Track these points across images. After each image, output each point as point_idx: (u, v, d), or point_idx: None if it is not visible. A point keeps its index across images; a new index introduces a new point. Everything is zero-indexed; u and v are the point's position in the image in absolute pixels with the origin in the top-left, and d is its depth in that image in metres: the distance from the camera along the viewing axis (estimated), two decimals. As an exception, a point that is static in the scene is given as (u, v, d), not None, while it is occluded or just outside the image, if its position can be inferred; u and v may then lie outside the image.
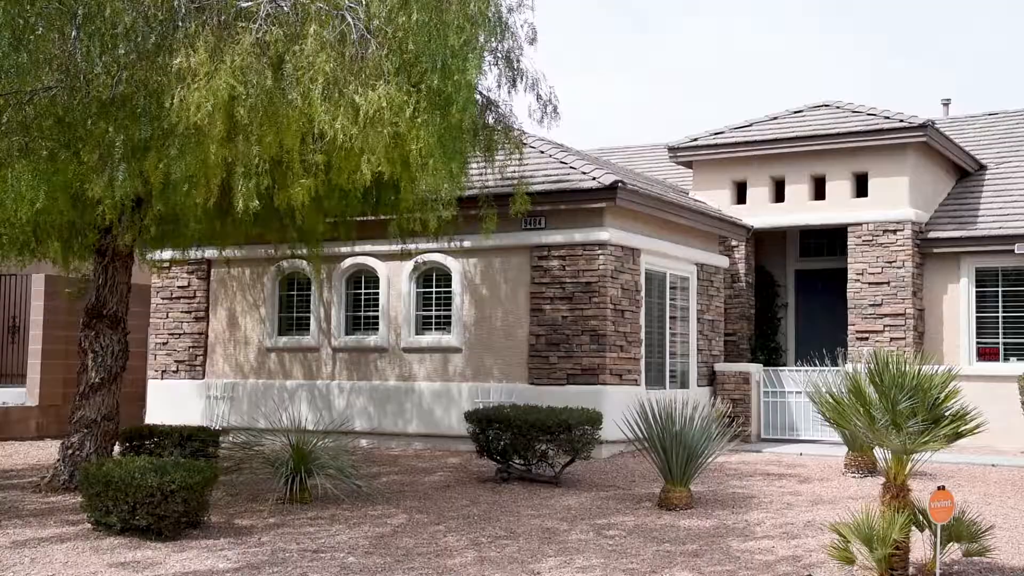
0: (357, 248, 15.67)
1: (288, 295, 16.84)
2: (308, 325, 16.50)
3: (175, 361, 17.37)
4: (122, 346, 11.96)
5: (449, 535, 9.25)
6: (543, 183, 14.29)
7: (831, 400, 8.10)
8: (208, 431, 12.67)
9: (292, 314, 16.77)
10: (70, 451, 11.70)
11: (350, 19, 8.93)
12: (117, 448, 12.43)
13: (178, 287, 17.46)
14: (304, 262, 15.72)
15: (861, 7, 45.78)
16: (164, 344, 17.46)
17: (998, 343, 16.52)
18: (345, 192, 10.82)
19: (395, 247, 14.09)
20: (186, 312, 17.36)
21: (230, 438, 12.75)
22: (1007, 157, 19.11)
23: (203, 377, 17.14)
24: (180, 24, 8.87)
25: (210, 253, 16.23)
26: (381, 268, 15.82)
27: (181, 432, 12.40)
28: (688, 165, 19.13)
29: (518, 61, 11.12)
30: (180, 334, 17.35)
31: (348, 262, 16.05)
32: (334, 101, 8.56)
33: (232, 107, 8.56)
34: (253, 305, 16.92)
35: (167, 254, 15.40)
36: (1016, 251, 16.16)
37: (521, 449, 11.82)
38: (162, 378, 17.42)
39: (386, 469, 13.11)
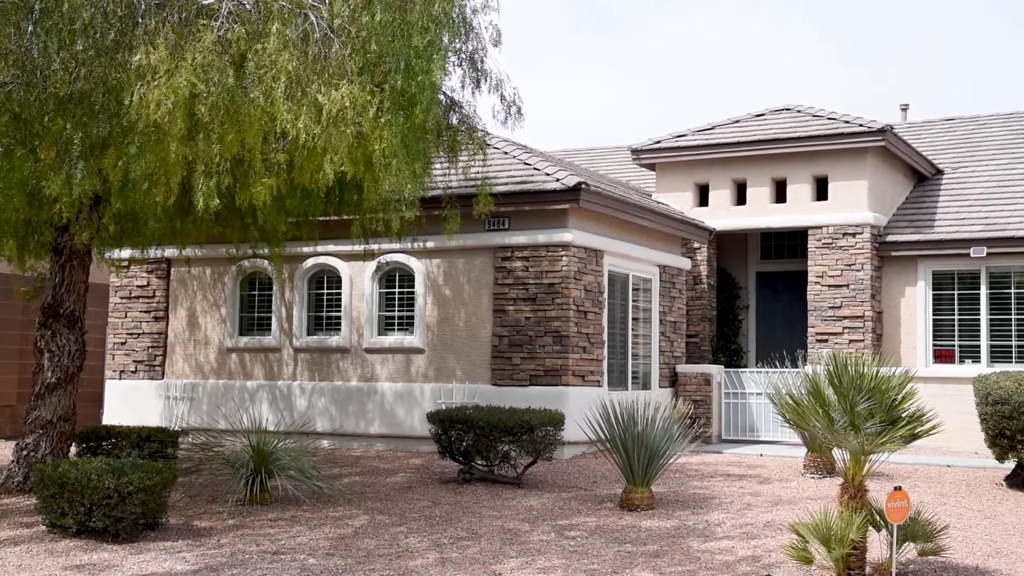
0: (320, 248, 15.59)
1: (249, 295, 16.71)
2: (269, 325, 16.39)
3: (134, 361, 17.17)
4: (79, 346, 11.81)
5: (410, 536, 9.23)
6: (507, 184, 14.30)
7: (791, 401, 8.17)
8: (167, 432, 12.55)
9: (253, 314, 16.65)
10: (25, 452, 11.52)
11: (313, 18, 8.89)
12: (73, 449, 12.27)
13: (137, 286, 17.27)
14: (266, 262, 15.61)
15: (825, 10, 46.31)
16: (122, 344, 17.26)
17: (954, 345, 16.77)
18: (308, 192, 10.76)
19: (358, 247, 14.03)
20: (145, 312, 17.17)
21: (189, 439, 12.62)
22: (963, 162, 19.41)
23: (162, 377, 16.97)
24: (140, 21, 8.78)
25: (170, 252, 16.07)
26: (344, 268, 15.75)
27: (139, 433, 12.27)
28: (651, 167, 19.24)
29: (482, 62, 11.12)
30: (139, 334, 17.16)
31: (310, 262, 15.97)
32: (297, 100, 8.51)
33: (193, 105, 8.48)
34: (214, 305, 16.77)
35: (126, 253, 15.23)
36: (972, 255, 16.42)
37: (483, 450, 11.82)
38: (120, 378, 17.22)
39: (348, 470, 13.05)
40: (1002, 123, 20.82)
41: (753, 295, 19.60)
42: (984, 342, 16.49)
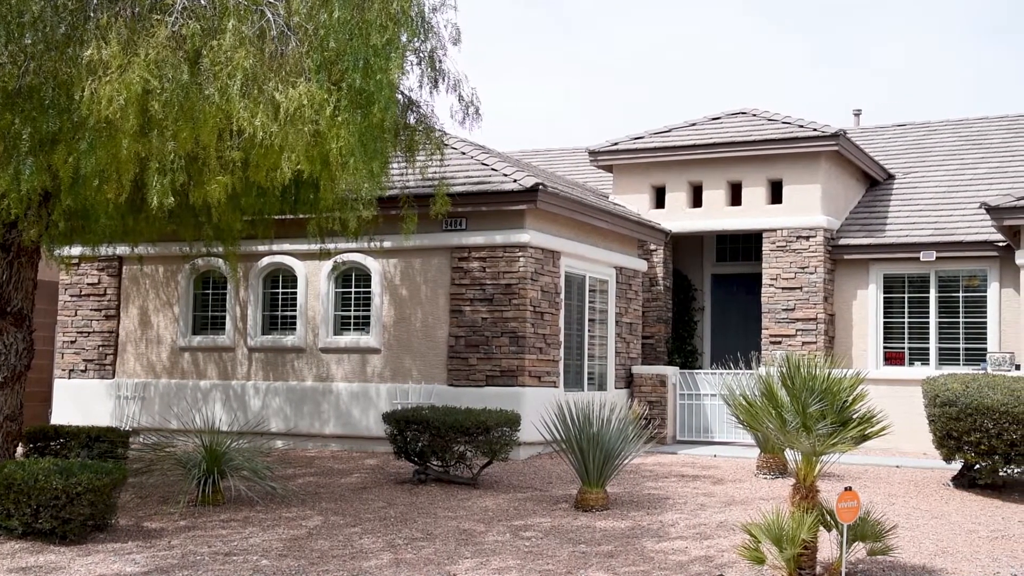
0: (275, 247, 15.46)
1: (203, 293, 16.53)
2: (223, 324, 16.23)
3: (84, 360, 16.91)
4: (27, 344, 11.59)
5: (365, 537, 9.18)
6: (464, 184, 14.29)
7: (744, 403, 8.25)
8: (117, 432, 12.37)
9: (207, 313, 16.47)
10: (-30, 453, 11.28)
11: (270, 15, 8.80)
12: (20, 449, 12.05)
13: (88, 284, 17.00)
14: (220, 260, 15.45)
15: (782, 14, 46.82)
16: (72, 343, 16.99)
17: (904, 347, 17.04)
18: (263, 190, 10.66)
19: (314, 246, 13.93)
20: (96, 310, 16.91)
21: (141, 439, 12.47)
22: (914, 167, 19.73)
23: (113, 376, 16.73)
24: (91, 15, 8.64)
25: (122, 250, 15.84)
26: (299, 267, 15.64)
27: (88, 433, 12.09)
28: (608, 169, 19.32)
29: (441, 61, 11.09)
30: (89, 332, 16.91)
31: (266, 261, 15.83)
32: (253, 98, 8.42)
33: (146, 101, 8.36)
34: (166, 303, 16.57)
35: (76, 250, 14.96)
36: (921, 259, 16.70)
37: (439, 450, 11.80)
38: (69, 377, 16.95)
39: (302, 470, 12.96)
40: (952, 130, 21.19)
41: (708, 297, 19.77)
42: (933, 345, 16.77)
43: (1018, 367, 15.07)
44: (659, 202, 18.63)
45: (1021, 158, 19.09)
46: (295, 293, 15.78)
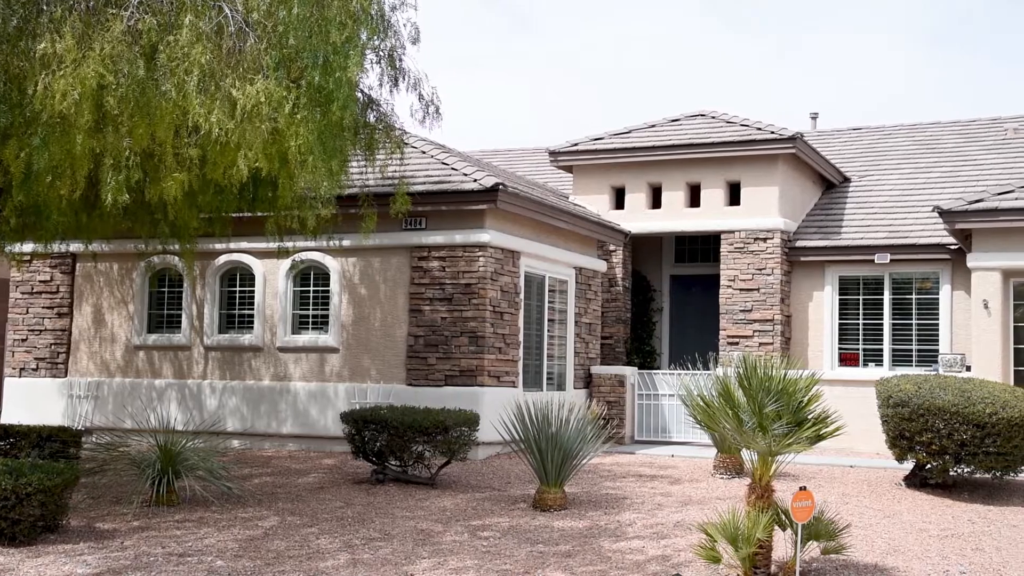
0: (232, 245, 15.32)
1: (159, 291, 16.34)
2: (179, 323, 16.05)
3: (35, 359, 16.64)
4: (-23, 342, 11.39)
5: (322, 537, 9.13)
6: (424, 184, 14.25)
7: (702, 403, 8.31)
8: (69, 431, 12.18)
9: (163, 311, 16.28)
10: (-82, 453, 11.07)
11: (228, 11, 8.72)
12: (-30, 449, 11.83)
13: (40, 281, 16.73)
14: (176, 258, 15.29)
15: (741, 16, 47.21)
16: (23, 341, 16.71)
17: (858, 349, 17.26)
18: (221, 187, 10.56)
19: (272, 245, 13.81)
20: (48, 308, 16.65)
21: (93, 439, 12.28)
22: (869, 171, 20.00)
23: (65, 375, 16.48)
24: (45, 8, 8.50)
25: (75, 247, 15.62)
26: (257, 266, 15.51)
27: (39, 432, 11.90)
28: (568, 169, 19.37)
29: (400, 60, 11.06)
30: (41, 330, 16.64)
31: (223, 259, 15.69)
32: (210, 94, 8.34)
33: (101, 96, 8.25)
34: (121, 301, 16.35)
35: (28, 247, 14.72)
36: (876, 261, 16.92)
37: (397, 450, 11.76)
38: (20, 376, 16.67)
39: (259, 470, 12.85)
40: (906, 134, 21.51)
41: (667, 298, 19.89)
42: (887, 346, 17.00)
43: (969, 368, 15.32)
44: (619, 203, 18.71)
45: (973, 162, 19.42)
46: (253, 292, 15.65)
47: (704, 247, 19.54)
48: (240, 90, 8.38)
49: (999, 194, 14.89)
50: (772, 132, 17.48)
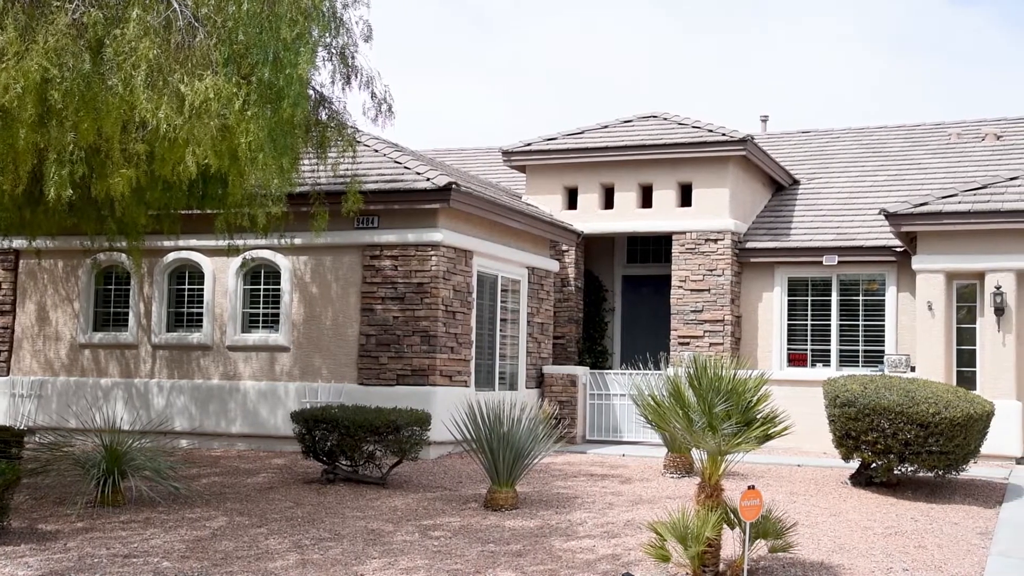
0: (181, 242, 15.13)
1: (105, 289, 16.09)
2: (126, 321, 15.82)
3: (-23, 357, 16.28)
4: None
5: (271, 538, 9.04)
6: (377, 182, 14.18)
7: (653, 403, 8.35)
8: (11, 431, 11.94)
9: (109, 309, 16.03)
10: None
11: (176, 5, 8.60)
12: (-92, 450, 11.54)
13: (-18, 278, 16.39)
14: (123, 255, 15.05)
15: (694, 18, 47.62)
16: (-35, 338, 16.35)
17: (807, 349, 17.48)
18: (169, 184, 10.42)
19: (222, 242, 13.66)
20: (-9, 305, 16.32)
21: (37, 438, 12.04)
22: (818, 173, 20.27)
23: (7, 374, 16.15)
24: (-13, -1, 8.32)
25: (19, 243, 15.33)
26: (207, 264, 15.33)
27: (-20, 432, 11.64)
28: (522, 169, 19.39)
29: (353, 58, 10.99)
30: (-16, 328, 16.29)
31: (171, 256, 15.49)
32: (158, 89, 8.22)
33: (45, 90, 8.10)
34: (66, 299, 16.06)
35: (-31, 243, 14.45)
36: (824, 263, 17.15)
37: (348, 450, 11.69)
38: (-38, 375, 16.32)
39: (207, 470, 12.70)
40: (853, 137, 21.84)
41: (619, 298, 19.99)
42: (834, 347, 17.24)
43: (913, 369, 15.60)
44: (571, 203, 18.77)
45: (919, 166, 19.77)
46: (202, 290, 15.46)
47: (656, 248, 19.67)
48: (189, 86, 8.27)
49: (943, 198, 15.17)
50: (723, 134, 17.64)
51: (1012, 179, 15.25)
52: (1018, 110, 34.35)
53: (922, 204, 15.14)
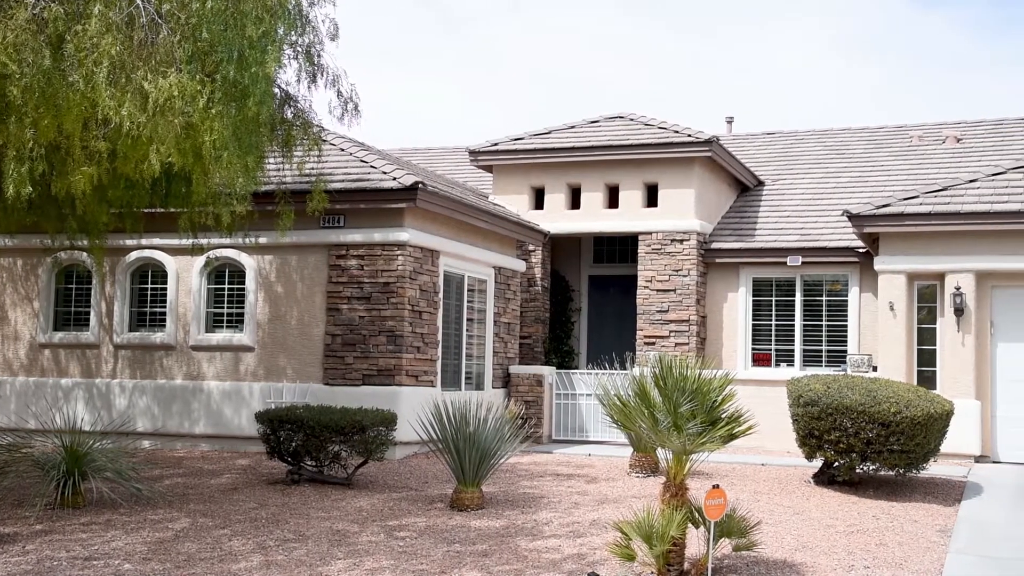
0: (144, 241, 14.98)
1: (66, 288, 15.88)
2: (88, 320, 15.63)
3: (-65, 357, 16.02)
4: None
5: (234, 539, 8.97)
6: (343, 181, 14.11)
7: (618, 403, 8.38)
8: (-30, 433, 11.75)
9: (70, 309, 15.83)
10: None
11: (139, 1, 8.51)
12: None
13: (-60, 276, 16.12)
14: (85, 254, 14.86)
15: (661, 20, 47.84)
16: (-78, 338, 16.08)
17: (771, 349, 17.62)
18: (132, 182, 10.32)
19: (186, 241, 13.52)
20: (-51, 304, 16.05)
21: (-5, 440, 11.86)
22: (782, 175, 20.44)
23: (-33, 374, 15.90)
24: (-56, -7, 8.19)
25: (-22, 241, 15.09)
26: (170, 263, 15.18)
27: (-63, 434, 11.45)
28: (488, 169, 19.38)
29: (319, 56, 10.92)
30: (-59, 327, 16.02)
31: (134, 255, 15.32)
32: (120, 86, 8.13)
33: (4, 86, 7.99)
34: (25, 298, 15.83)
35: (-73, 241, 14.21)
36: (788, 263, 17.29)
37: (313, 450, 11.63)
38: (-81, 375, 16.04)
39: (170, 471, 12.58)
40: (817, 139, 22.04)
41: (585, 298, 20.03)
42: (798, 346, 17.39)
43: (875, 368, 15.77)
44: (538, 203, 18.79)
45: (881, 168, 19.99)
46: (165, 289, 15.31)
47: (622, 248, 19.74)
48: (152, 83, 8.18)
49: (905, 199, 15.35)
50: (689, 135, 17.73)
51: (971, 182, 15.46)
52: (978, 113, 34.93)
53: (884, 206, 15.31)
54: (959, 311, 14.78)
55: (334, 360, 14.31)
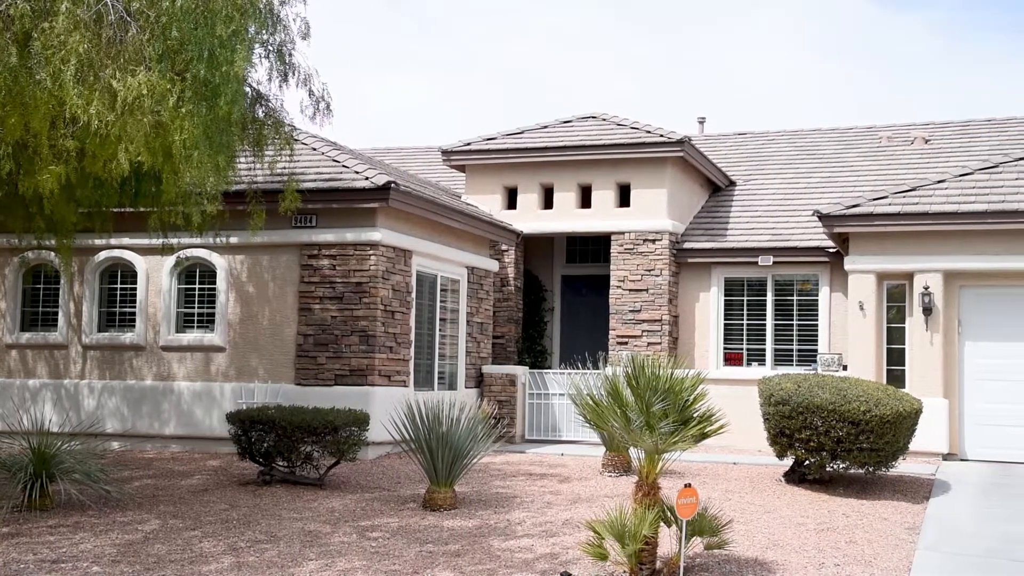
0: (114, 241, 14.84)
1: (34, 288, 15.71)
2: (56, 321, 15.46)
3: (-101, 358, 15.79)
4: None
5: (205, 540, 8.91)
6: (315, 181, 14.05)
7: (591, 402, 8.39)
8: (-65, 435, 11.60)
9: (38, 309, 15.67)
10: None
11: (108, -1, 8.43)
12: None
13: (-95, 276, 15.89)
14: (53, 254, 14.71)
15: (630, 19, 47.99)
16: None
17: (742, 348, 17.72)
18: (101, 181, 10.22)
19: (156, 241, 13.42)
20: (-86, 304, 15.83)
21: (-39, 442, 11.73)
22: (754, 175, 20.56)
23: (-68, 376, 15.69)
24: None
25: (-57, 240, 14.89)
26: (140, 262, 15.06)
27: (-98, 436, 11.29)
28: (461, 169, 19.36)
29: (290, 55, 10.87)
30: (-94, 328, 15.80)
31: (103, 255, 15.18)
32: (89, 84, 8.05)
33: (-31, 84, 7.88)
34: (-7, 298, 15.64)
35: None
36: (760, 263, 17.40)
37: (285, 451, 11.57)
38: None
39: (139, 473, 12.47)
40: (788, 139, 22.19)
41: (558, 298, 20.06)
42: (769, 346, 17.51)
43: (845, 367, 15.89)
44: (511, 203, 18.79)
45: (851, 168, 20.15)
46: (135, 289, 15.19)
47: (595, 248, 19.78)
48: (121, 81, 8.11)
49: (874, 199, 15.48)
50: (661, 135, 17.80)
51: (939, 182, 15.62)
52: (945, 114, 35.32)
53: (854, 206, 15.43)
54: (927, 310, 14.93)
55: (306, 360, 14.25)
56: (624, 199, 18.11)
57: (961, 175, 15.69)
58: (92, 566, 7.98)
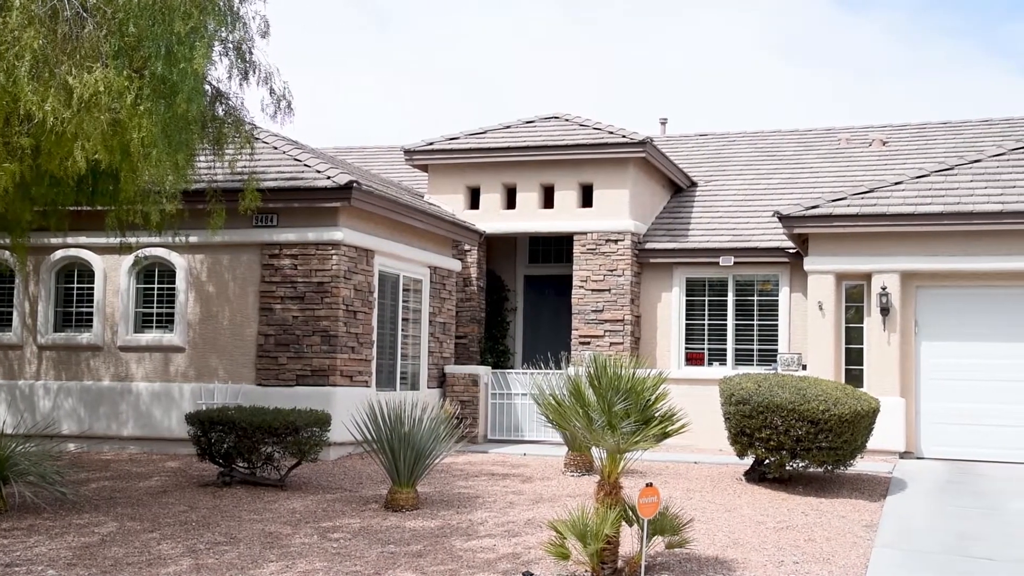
0: (70, 240, 14.64)
1: (-12, 288, 15.45)
2: (10, 321, 15.22)
3: None
4: None
5: (163, 543, 8.81)
6: (276, 180, 13.95)
7: (553, 402, 8.40)
8: None
9: (-8, 308, 15.41)
10: None
11: (64, -6, 8.31)
12: None
13: None
14: (7, 252, 14.47)
15: (591, 20, 48.12)
16: None
17: (704, 348, 17.84)
18: (56, 179, 10.07)
19: (113, 240, 13.24)
20: None
21: (-88, 445, 11.48)
22: (715, 176, 20.71)
23: None
24: None
25: None
26: (97, 262, 14.86)
27: None
28: (424, 168, 19.31)
29: (250, 53, 10.77)
30: None
31: (59, 254, 14.97)
32: (44, 81, 7.93)
33: (-79, 79, 7.73)
34: (-54, 298, 15.36)
35: None
36: (721, 263, 17.53)
37: (246, 452, 11.47)
38: None
39: (96, 474, 12.31)
40: (748, 141, 22.37)
41: (521, 298, 20.08)
42: (730, 346, 17.63)
43: (805, 367, 16.05)
44: (474, 203, 18.78)
45: (810, 170, 20.36)
46: (92, 288, 14.98)
47: (558, 248, 19.82)
48: (77, 78, 8.00)
49: (833, 201, 15.65)
50: (623, 136, 17.87)
51: (897, 183, 15.82)
52: (903, 117, 35.74)
53: (813, 207, 15.59)
54: (885, 311, 15.11)
55: (267, 360, 14.14)
56: (587, 199, 18.16)
57: (918, 177, 15.90)
58: (47, 569, 7.86)
